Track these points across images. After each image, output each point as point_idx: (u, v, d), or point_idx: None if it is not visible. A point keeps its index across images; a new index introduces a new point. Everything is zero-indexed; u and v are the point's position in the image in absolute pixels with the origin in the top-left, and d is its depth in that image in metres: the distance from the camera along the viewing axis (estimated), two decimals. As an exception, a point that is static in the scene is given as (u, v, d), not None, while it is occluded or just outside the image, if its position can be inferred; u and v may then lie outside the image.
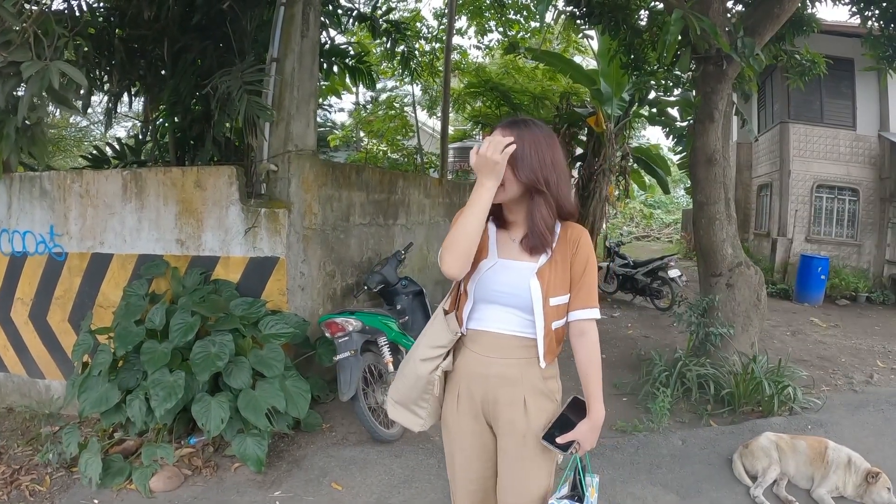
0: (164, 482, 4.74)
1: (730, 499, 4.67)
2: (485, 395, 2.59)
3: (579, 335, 2.57)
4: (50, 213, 6.19)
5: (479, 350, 2.59)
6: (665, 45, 5.51)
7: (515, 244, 2.57)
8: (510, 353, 2.55)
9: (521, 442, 2.56)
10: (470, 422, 2.66)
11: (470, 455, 2.70)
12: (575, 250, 2.55)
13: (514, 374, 2.55)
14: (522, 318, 2.52)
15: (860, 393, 7.10)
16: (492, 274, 2.53)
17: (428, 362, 2.63)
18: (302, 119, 6.12)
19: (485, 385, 2.58)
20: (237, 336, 5.16)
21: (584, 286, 2.55)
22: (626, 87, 14.72)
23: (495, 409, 2.58)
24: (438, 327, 2.67)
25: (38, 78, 4.23)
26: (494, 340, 2.56)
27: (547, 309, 2.48)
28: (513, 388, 2.55)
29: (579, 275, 2.55)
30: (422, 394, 2.68)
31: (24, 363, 6.60)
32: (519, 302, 2.49)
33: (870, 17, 7.92)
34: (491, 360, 2.56)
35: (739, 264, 7.01)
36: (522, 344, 2.54)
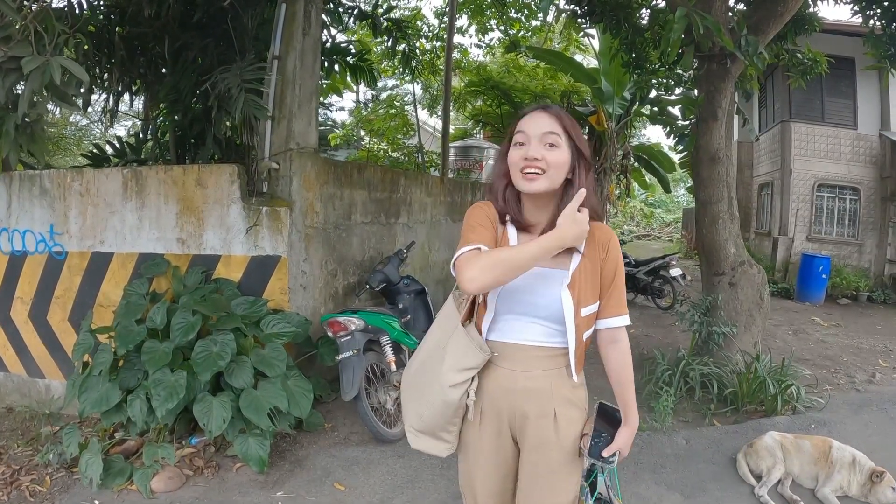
0: (165, 482, 4.71)
1: (734, 498, 4.65)
2: (512, 411, 2.43)
3: (611, 343, 2.46)
4: (50, 212, 6.17)
5: (503, 364, 2.42)
6: (668, 43, 5.49)
7: None
8: (537, 366, 2.39)
9: (549, 455, 2.42)
10: (492, 439, 2.49)
11: (491, 472, 2.53)
12: (605, 254, 2.40)
13: (543, 386, 2.40)
14: (549, 327, 2.37)
15: (863, 392, 7.10)
16: (513, 283, 2.30)
17: (458, 388, 2.41)
18: (303, 117, 6.10)
19: (512, 400, 2.41)
20: (239, 335, 5.13)
21: (615, 292, 2.42)
22: (627, 86, 14.77)
23: (524, 423, 2.42)
24: (464, 346, 2.41)
25: (39, 73, 4.20)
26: (520, 353, 2.39)
27: (579, 320, 2.33)
28: (543, 401, 2.40)
29: (610, 280, 2.41)
30: (452, 419, 2.50)
31: (23, 363, 6.57)
32: (547, 313, 2.34)
33: (871, 16, 7.91)
34: (517, 373, 2.39)
35: (742, 263, 7.00)
36: (549, 354, 2.39)
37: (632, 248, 21.40)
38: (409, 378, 2.62)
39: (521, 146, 2.26)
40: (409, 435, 2.61)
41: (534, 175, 2.22)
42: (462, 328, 2.42)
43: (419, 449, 2.58)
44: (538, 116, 2.27)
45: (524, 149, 2.24)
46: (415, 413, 2.56)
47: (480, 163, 14.35)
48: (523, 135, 2.26)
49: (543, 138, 2.23)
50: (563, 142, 2.25)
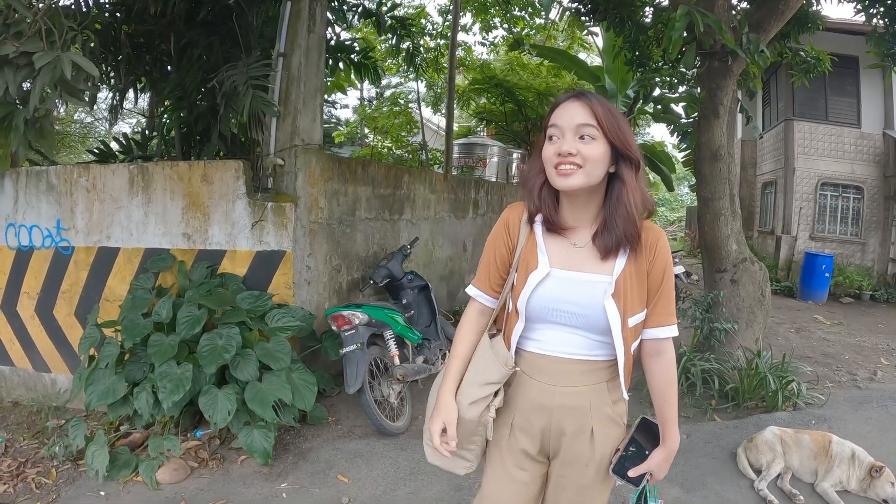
0: (170, 474, 4.76)
1: (734, 492, 4.67)
2: (546, 427, 2.24)
3: (655, 355, 2.22)
4: (56, 208, 6.21)
5: (538, 377, 2.23)
6: (670, 40, 5.51)
7: (580, 251, 2.16)
8: (577, 381, 2.20)
9: (582, 471, 2.25)
10: (521, 456, 2.31)
11: (514, 490, 2.33)
12: (653, 257, 2.16)
13: (581, 403, 2.20)
14: (590, 339, 2.16)
15: (864, 389, 7.11)
16: (547, 289, 2.14)
17: (478, 404, 2.26)
18: (308, 114, 6.13)
19: (548, 417, 2.23)
20: (244, 329, 5.17)
21: (662, 299, 2.18)
22: (630, 84, 14.73)
23: (559, 441, 2.24)
24: (487, 359, 2.28)
25: (50, 69, 4.24)
26: (558, 366, 2.20)
27: (626, 332, 2.10)
28: (580, 418, 2.21)
29: (657, 286, 2.17)
30: (470, 437, 2.33)
31: (29, 357, 6.62)
32: (588, 323, 2.12)
33: (874, 15, 7.92)
34: (555, 388, 2.20)
35: (744, 260, 7.02)
36: (590, 368, 2.20)
37: (635, 247, 21.39)
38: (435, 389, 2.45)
39: (554, 140, 2.06)
40: (425, 448, 2.42)
41: (569, 171, 2.01)
42: (487, 339, 2.33)
43: (436, 464, 2.41)
44: (571, 107, 2.05)
45: (558, 143, 2.04)
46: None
47: (484, 160, 14.34)
48: (556, 128, 2.06)
49: (577, 130, 2.02)
50: (599, 133, 2.02)
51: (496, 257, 2.31)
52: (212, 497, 4.55)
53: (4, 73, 4.34)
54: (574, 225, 2.17)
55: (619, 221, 2.07)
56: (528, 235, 2.23)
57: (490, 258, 2.33)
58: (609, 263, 2.11)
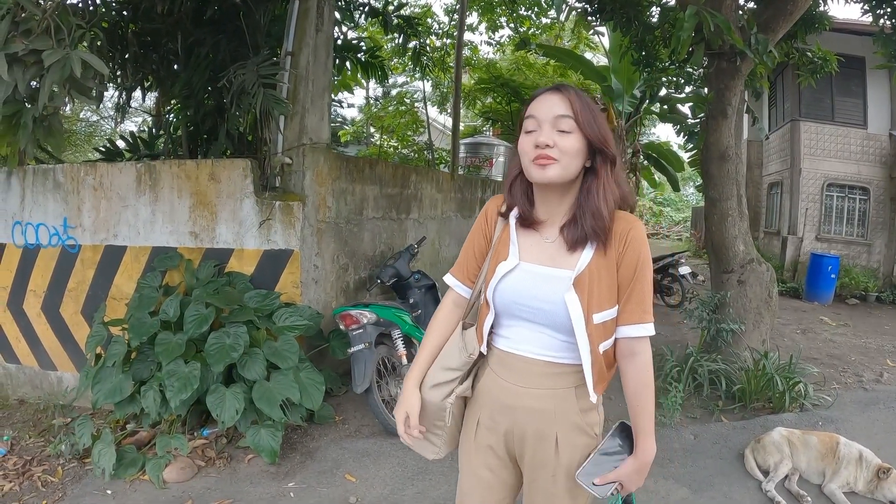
0: (177, 473, 4.76)
1: (742, 493, 4.67)
2: (510, 429, 2.20)
3: (629, 356, 2.09)
4: (63, 206, 6.22)
5: (505, 376, 2.19)
6: (679, 41, 5.50)
7: (549, 245, 2.12)
8: (542, 383, 2.13)
9: (550, 480, 2.16)
10: (489, 455, 2.28)
11: (485, 492, 2.32)
12: (623, 248, 2.05)
13: (546, 407, 2.13)
14: (557, 339, 2.10)
15: (870, 391, 7.10)
16: (513, 281, 2.10)
17: (440, 388, 2.27)
18: (316, 112, 6.14)
19: (511, 417, 2.18)
20: (251, 328, 5.18)
21: (634, 294, 2.05)
22: (637, 84, 14.76)
23: (522, 444, 2.19)
24: (454, 345, 2.30)
25: (60, 66, 4.24)
26: (524, 366, 2.15)
27: (591, 328, 2.01)
28: (544, 423, 2.14)
29: (628, 280, 2.05)
30: (435, 420, 2.33)
31: (36, 355, 6.63)
32: (551, 320, 2.06)
33: (882, 16, 7.89)
34: (519, 389, 2.15)
35: (751, 261, 7.01)
36: (556, 371, 2.12)
37: (640, 247, 21.37)
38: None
39: (531, 133, 2.01)
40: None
41: (545, 162, 1.96)
42: (460, 328, 2.34)
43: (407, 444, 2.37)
44: (549, 99, 2.01)
45: (535, 135, 1.99)
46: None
47: (490, 159, 14.35)
48: (534, 120, 2.01)
49: (555, 123, 1.97)
50: (575, 127, 1.98)
51: (475, 247, 2.33)
52: (219, 496, 4.55)
53: (13, 71, 4.34)
54: (546, 219, 2.14)
55: (587, 216, 2.02)
56: (503, 227, 2.22)
57: (469, 247, 2.34)
58: (575, 257, 2.05)
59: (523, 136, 2.04)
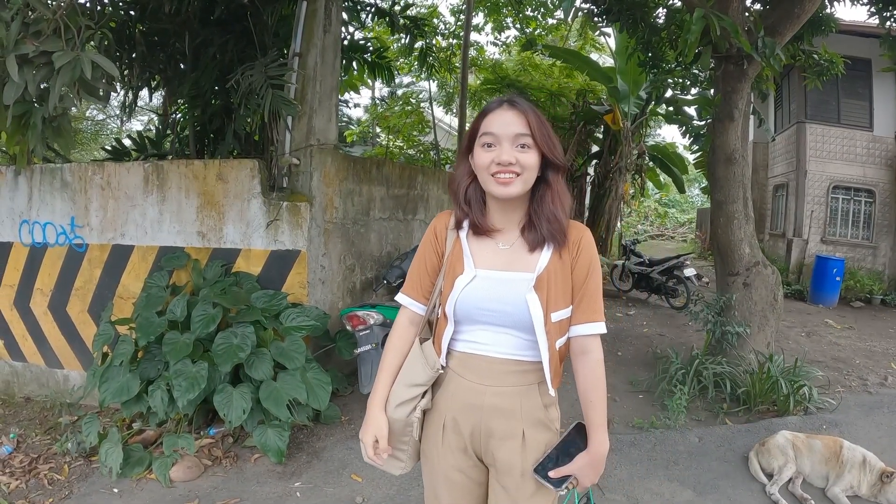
0: (184, 472, 4.78)
1: (746, 496, 4.67)
2: (475, 428, 2.23)
3: (581, 353, 2.20)
4: (71, 205, 6.24)
5: (469, 376, 2.24)
6: (686, 43, 5.51)
7: (504, 251, 2.21)
8: (506, 381, 2.20)
9: (518, 480, 2.21)
10: (457, 456, 2.29)
11: (457, 494, 2.34)
12: (577, 253, 2.18)
13: (511, 404, 2.20)
14: (518, 338, 2.17)
15: (875, 394, 7.08)
16: (473, 290, 2.17)
17: (405, 405, 2.29)
18: (324, 113, 6.15)
19: (477, 416, 2.22)
20: (258, 328, 5.20)
21: (587, 295, 2.18)
22: (643, 85, 14.79)
23: (488, 443, 2.23)
24: (415, 362, 2.32)
25: (70, 68, 4.26)
26: (487, 366, 2.20)
27: (549, 326, 2.12)
28: (509, 420, 2.21)
29: (581, 281, 2.18)
30: (400, 437, 2.34)
31: (42, 353, 6.66)
32: (514, 321, 2.14)
33: (888, 18, 7.90)
34: (485, 387, 2.20)
35: (756, 264, 7.01)
36: (520, 369, 2.20)
37: (646, 248, 21.41)
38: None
39: (489, 148, 2.09)
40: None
41: (508, 179, 2.07)
42: (418, 343, 2.36)
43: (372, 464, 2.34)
44: (506, 115, 2.09)
45: (494, 151, 2.08)
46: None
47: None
48: (492, 136, 2.09)
49: (515, 140, 2.07)
50: (532, 143, 2.08)
51: (426, 264, 2.35)
52: (225, 495, 4.56)
53: (24, 72, 4.36)
54: (501, 227, 2.22)
55: (543, 221, 2.13)
56: (454, 241, 2.28)
57: (420, 265, 2.36)
58: (533, 261, 2.15)
59: (482, 152, 2.11)
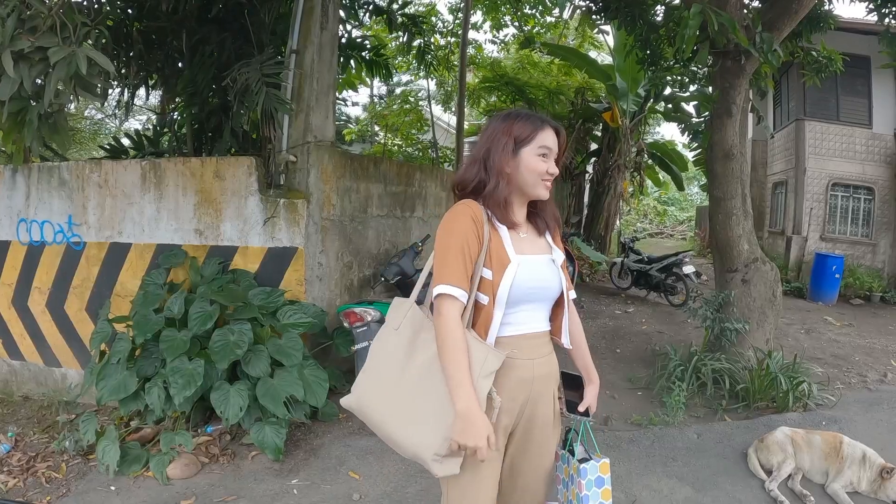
0: (181, 469, 4.78)
1: (745, 492, 4.66)
2: (526, 399, 2.41)
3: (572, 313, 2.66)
4: (68, 203, 6.24)
5: (518, 355, 2.36)
6: (684, 39, 5.50)
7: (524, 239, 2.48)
8: (545, 350, 2.51)
9: (551, 426, 2.56)
10: (500, 437, 2.36)
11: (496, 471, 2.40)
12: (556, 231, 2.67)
13: (552, 368, 2.55)
14: (545, 311, 2.53)
15: (874, 391, 7.07)
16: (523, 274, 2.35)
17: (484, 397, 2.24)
18: (321, 111, 6.14)
19: (527, 389, 2.40)
20: (256, 325, 5.19)
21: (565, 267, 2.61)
22: (641, 83, 14.77)
23: (535, 409, 2.45)
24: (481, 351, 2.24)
25: (66, 64, 4.26)
26: (531, 341, 2.43)
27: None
28: (551, 382, 2.56)
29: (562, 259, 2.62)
30: None
31: (40, 351, 6.66)
32: (548, 296, 2.50)
33: (887, 15, 7.89)
34: (532, 362, 2.42)
35: (755, 260, 7.00)
36: (548, 337, 2.56)
37: (645, 246, 21.36)
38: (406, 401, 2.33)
39: (545, 158, 2.43)
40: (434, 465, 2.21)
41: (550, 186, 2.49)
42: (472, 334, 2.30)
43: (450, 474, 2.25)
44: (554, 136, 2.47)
45: (548, 162, 2.44)
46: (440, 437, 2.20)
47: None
48: (548, 150, 2.43)
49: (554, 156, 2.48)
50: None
51: (471, 252, 2.32)
52: (223, 493, 4.56)
53: (19, 68, 4.35)
54: (520, 221, 2.52)
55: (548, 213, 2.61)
56: (490, 231, 2.39)
57: (465, 254, 2.31)
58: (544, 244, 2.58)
59: (538, 159, 2.42)
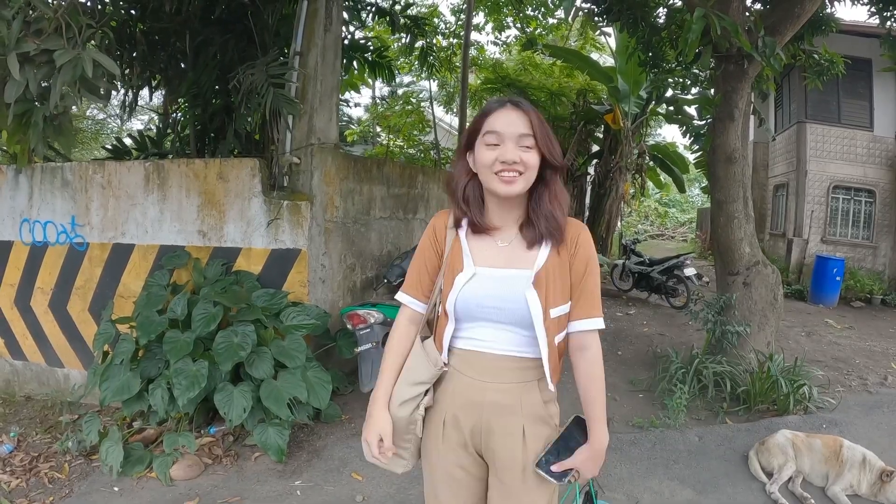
0: (184, 470, 4.79)
1: (746, 495, 4.68)
2: (476, 425, 2.25)
3: (580, 349, 2.23)
4: (71, 204, 6.25)
5: (470, 373, 2.25)
6: (686, 43, 5.51)
7: (503, 248, 2.24)
8: (507, 377, 2.22)
9: (520, 476, 2.24)
10: (457, 453, 2.30)
11: (457, 491, 2.35)
12: (574, 250, 2.22)
13: (511, 401, 2.23)
14: (519, 334, 2.19)
15: (875, 394, 7.08)
16: (473, 287, 2.18)
17: (408, 403, 2.29)
18: (325, 112, 6.16)
19: (477, 413, 2.23)
20: (259, 327, 5.21)
21: (585, 292, 2.22)
22: (643, 85, 14.77)
23: (489, 439, 2.24)
24: (418, 360, 2.32)
25: (71, 66, 4.27)
26: (488, 363, 2.22)
27: (548, 323, 2.15)
28: (510, 416, 2.23)
29: (580, 278, 2.22)
30: (403, 435, 2.33)
31: (43, 352, 6.66)
32: (514, 317, 2.17)
33: (888, 18, 7.89)
34: (486, 384, 2.22)
35: (757, 263, 7.01)
36: (520, 365, 2.22)
37: (646, 248, 21.38)
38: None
39: (493, 147, 2.12)
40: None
41: (512, 178, 2.10)
42: (419, 341, 2.36)
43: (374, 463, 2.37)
44: (511, 115, 2.12)
45: (499, 150, 2.10)
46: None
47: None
48: (496, 135, 2.11)
49: (519, 140, 2.10)
50: (534, 143, 2.12)
51: (426, 263, 2.37)
52: (226, 494, 4.57)
53: (25, 71, 4.37)
54: (500, 225, 2.25)
55: (541, 219, 2.17)
56: (453, 240, 2.29)
57: (420, 264, 2.37)
58: (531, 258, 2.18)
59: (485, 150, 2.13)
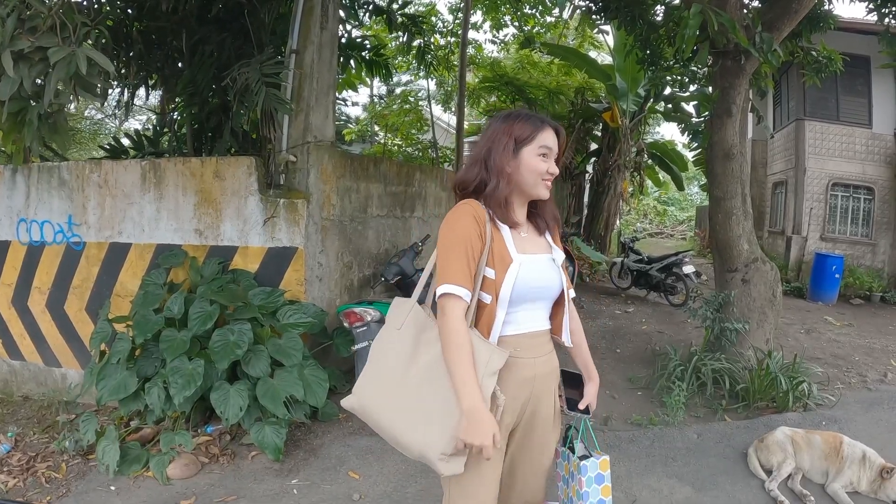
0: (181, 469, 4.77)
1: (745, 492, 4.66)
2: (528, 398, 2.45)
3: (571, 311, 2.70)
4: (68, 203, 6.24)
5: (521, 354, 2.40)
6: (684, 39, 5.50)
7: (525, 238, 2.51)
8: (546, 348, 2.55)
9: (551, 424, 2.59)
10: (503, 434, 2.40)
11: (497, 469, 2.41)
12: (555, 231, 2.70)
13: (553, 366, 2.59)
14: (545, 309, 2.56)
15: (874, 391, 7.06)
16: (525, 273, 2.38)
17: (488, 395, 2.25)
18: (321, 110, 6.14)
19: (529, 387, 2.44)
20: (256, 325, 5.19)
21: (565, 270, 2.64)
22: (641, 83, 14.76)
23: (536, 407, 2.49)
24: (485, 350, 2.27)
25: (66, 63, 4.26)
26: (533, 340, 2.47)
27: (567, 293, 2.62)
28: (552, 380, 2.59)
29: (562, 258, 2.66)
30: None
31: (40, 352, 6.65)
32: (549, 294, 2.53)
33: (887, 15, 7.88)
34: (534, 360, 2.46)
35: (755, 260, 7.00)
36: (548, 335, 2.59)
37: (645, 246, 21.34)
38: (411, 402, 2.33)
39: (545, 158, 2.46)
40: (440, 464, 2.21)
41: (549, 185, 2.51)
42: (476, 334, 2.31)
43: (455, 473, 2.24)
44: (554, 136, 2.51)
45: (548, 162, 2.47)
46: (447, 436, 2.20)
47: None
48: (548, 149, 2.46)
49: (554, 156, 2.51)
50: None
51: (474, 251, 2.35)
52: (223, 492, 4.56)
53: (19, 68, 4.36)
54: (520, 221, 2.54)
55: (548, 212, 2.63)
56: (492, 231, 2.41)
57: (468, 254, 2.33)
58: (544, 244, 2.61)
59: (538, 160, 2.46)
